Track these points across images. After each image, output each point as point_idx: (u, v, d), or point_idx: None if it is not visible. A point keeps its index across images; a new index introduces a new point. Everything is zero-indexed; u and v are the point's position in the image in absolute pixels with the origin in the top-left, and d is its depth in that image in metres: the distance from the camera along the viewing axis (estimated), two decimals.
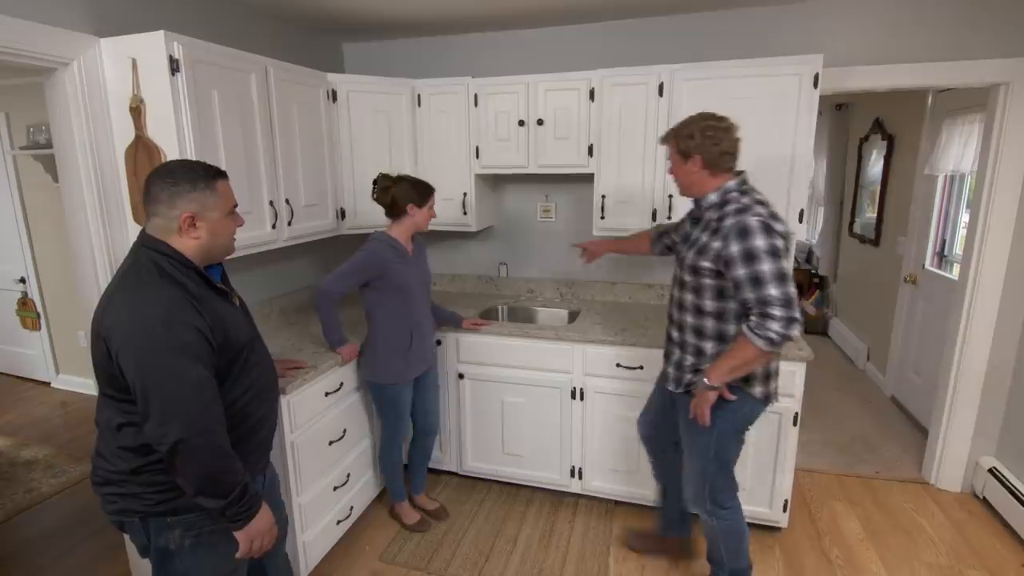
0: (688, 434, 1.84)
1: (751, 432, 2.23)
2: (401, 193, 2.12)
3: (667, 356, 1.89)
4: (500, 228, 3.10)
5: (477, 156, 2.67)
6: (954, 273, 3.23)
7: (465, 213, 2.74)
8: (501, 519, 2.53)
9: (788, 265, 1.56)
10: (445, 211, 2.74)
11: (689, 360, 1.77)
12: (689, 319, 1.74)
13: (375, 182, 2.16)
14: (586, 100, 2.45)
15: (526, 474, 2.65)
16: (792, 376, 2.16)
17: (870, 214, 4.40)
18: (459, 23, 2.72)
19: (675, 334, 1.82)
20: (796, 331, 1.48)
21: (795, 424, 2.21)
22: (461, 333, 2.56)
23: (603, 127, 2.45)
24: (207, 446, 1.16)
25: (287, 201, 2.24)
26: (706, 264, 1.63)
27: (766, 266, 1.50)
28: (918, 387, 3.43)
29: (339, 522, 2.23)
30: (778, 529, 2.41)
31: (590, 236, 2.68)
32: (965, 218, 3.27)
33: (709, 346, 1.71)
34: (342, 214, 2.61)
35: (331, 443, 2.14)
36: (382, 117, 2.62)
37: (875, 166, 4.31)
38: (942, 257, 3.38)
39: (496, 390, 2.58)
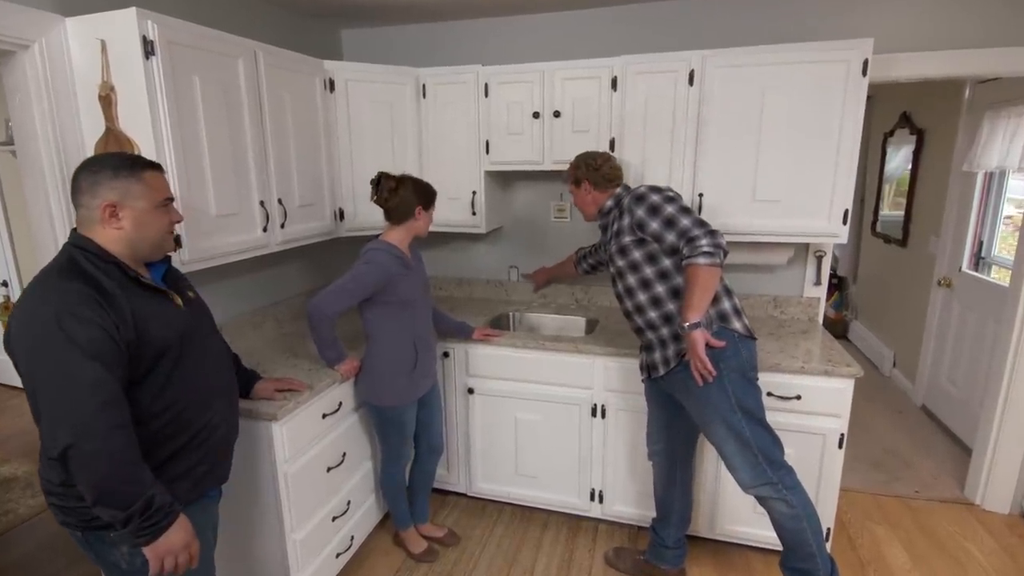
0: (704, 408, 1.76)
1: (791, 454, 2.03)
2: (409, 195, 1.91)
3: (645, 348, 1.92)
4: (510, 229, 2.89)
5: (487, 151, 2.45)
6: (992, 275, 3.04)
7: (474, 213, 2.53)
8: (515, 546, 2.33)
9: (684, 203, 1.79)
10: (452, 211, 2.53)
11: (665, 331, 1.82)
12: (642, 297, 1.83)
13: (376, 183, 1.92)
14: (608, 90, 2.23)
15: (541, 496, 2.45)
16: (839, 394, 1.96)
17: (895, 212, 4.19)
18: (467, 7, 2.50)
19: (639, 320, 1.87)
20: (721, 239, 1.64)
21: (840, 446, 2.01)
22: (471, 344, 2.35)
23: (626, 119, 2.23)
24: (101, 452, 1.04)
25: (280, 201, 2.03)
26: (628, 239, 1.80)
27: (670, 208, 1.72)
28: (953, 397, 3.22)
29: (338, 555, 2.03)
30: None
31: None
32: (1006, 216, 3.07)
33: (671, 306, 1.78)
34: (340, 215, 2.40)
35: (329, 469, 1.94)
36: (384, 109, 2.40)
37: (902, 162, 4.09)
38: (979, 259, 3.18)
39: (508, 406, 2.38)
